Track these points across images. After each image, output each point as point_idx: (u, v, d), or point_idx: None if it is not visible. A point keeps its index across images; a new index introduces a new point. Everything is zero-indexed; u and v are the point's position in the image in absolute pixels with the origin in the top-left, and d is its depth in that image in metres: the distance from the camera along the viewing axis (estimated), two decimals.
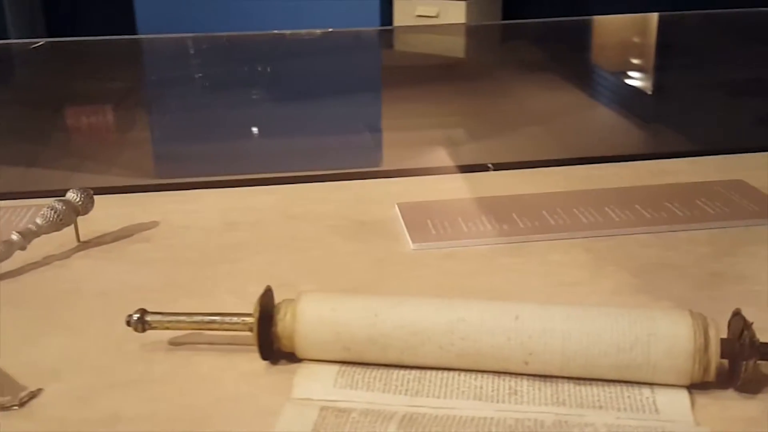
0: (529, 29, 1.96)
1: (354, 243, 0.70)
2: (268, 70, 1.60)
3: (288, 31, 1.78)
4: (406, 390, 0.48)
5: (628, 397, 0.47)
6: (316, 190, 0.83)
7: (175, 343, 0.54)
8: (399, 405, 0.46)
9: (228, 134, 1.21)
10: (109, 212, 0.74)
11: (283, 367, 0.51)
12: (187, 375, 0.51)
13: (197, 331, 0.53)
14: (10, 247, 0.65)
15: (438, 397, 0.47)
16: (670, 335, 0.46)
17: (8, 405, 0.48)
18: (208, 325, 0.52)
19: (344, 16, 2.82)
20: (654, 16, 1.90)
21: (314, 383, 0.49)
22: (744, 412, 0.46)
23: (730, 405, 0.46)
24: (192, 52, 1.75)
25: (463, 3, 2.78)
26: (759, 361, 0.46)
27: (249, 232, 0.72)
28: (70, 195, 0.70)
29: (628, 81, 1.50)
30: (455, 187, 0.83)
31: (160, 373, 0.51)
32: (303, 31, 1.81)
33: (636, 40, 1.83)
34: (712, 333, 0.46)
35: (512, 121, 1.21)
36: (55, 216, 0.68)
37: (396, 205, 0.76)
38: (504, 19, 2.98)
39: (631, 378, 0.47)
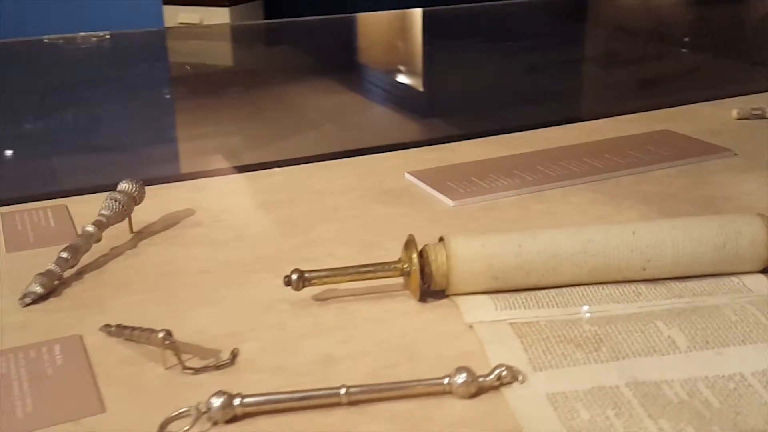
0: (294, 29, 1.99)
1: (395, 207, 0.76)
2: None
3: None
4: (556, 304, 0.57)
5: (723, 284, 0.59)
6: (314, 170, 0.89)
7: (319, 299, 0.59)
8: (560, 315, 0.55)
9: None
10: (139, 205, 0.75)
11: (434, 303, 0.58)
12: (356, 320, 0.56)
13: (351, 282, 0.59)
14: (89, 239, 0.65)
15: (584, 305, 0.57)
16: (751, 231, 0.59)
17: (221, 363, 0.51)
18: (364, 276, 0.58)
19: (126, 20, 2.77)
20: (418, 11, 2.04)
21: (478, 310, 0.56)
22: None
23: None
24: None
25: (227, 9, 2.82)
26: None
27: (291, 209, 0.77)
28: (125, 185, 0.70)
29: (399, 73, 1.64)
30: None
31: (330, 322, 0.56)
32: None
33: (402, 35, 1.97)
34: None
35: (293, 123, 1.26)
36: (119, 206, 0.68)
37: (406, 174, 0.83)
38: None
39: (723, 270, 0.59)
